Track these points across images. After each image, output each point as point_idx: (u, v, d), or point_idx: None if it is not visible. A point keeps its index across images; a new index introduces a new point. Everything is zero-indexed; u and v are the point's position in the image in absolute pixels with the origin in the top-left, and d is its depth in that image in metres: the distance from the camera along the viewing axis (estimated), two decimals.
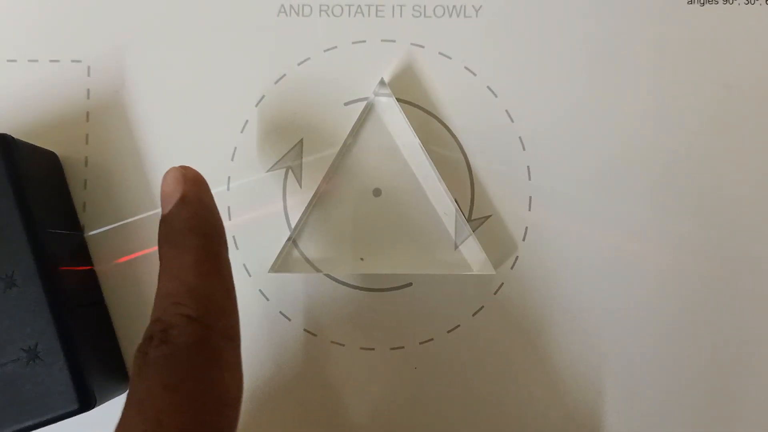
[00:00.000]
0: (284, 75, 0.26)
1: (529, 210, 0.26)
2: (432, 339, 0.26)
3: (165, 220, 0.20)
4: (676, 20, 0.26)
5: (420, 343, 0.26)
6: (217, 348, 0.19)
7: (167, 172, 0.21)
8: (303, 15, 0.27)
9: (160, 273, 0.20)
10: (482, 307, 0.26)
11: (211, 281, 0.19)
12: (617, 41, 0.26)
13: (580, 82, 0.26)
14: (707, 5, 0.26)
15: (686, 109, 0.26)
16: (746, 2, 0.27)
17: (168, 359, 0.18)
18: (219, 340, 0.19)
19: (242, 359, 0.26)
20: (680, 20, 0.26)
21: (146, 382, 0.18)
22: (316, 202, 0.26)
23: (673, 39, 0.26)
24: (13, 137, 0.23)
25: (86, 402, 0.22)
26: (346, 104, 0.26)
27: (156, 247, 0.26)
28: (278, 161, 0.26)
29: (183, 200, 0.20)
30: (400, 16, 0.27)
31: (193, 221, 0.20)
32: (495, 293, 0.26)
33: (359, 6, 0.27)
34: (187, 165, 0.21)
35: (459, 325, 0.26)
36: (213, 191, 0.26)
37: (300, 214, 0.26)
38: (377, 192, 0.26)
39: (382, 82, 0.26)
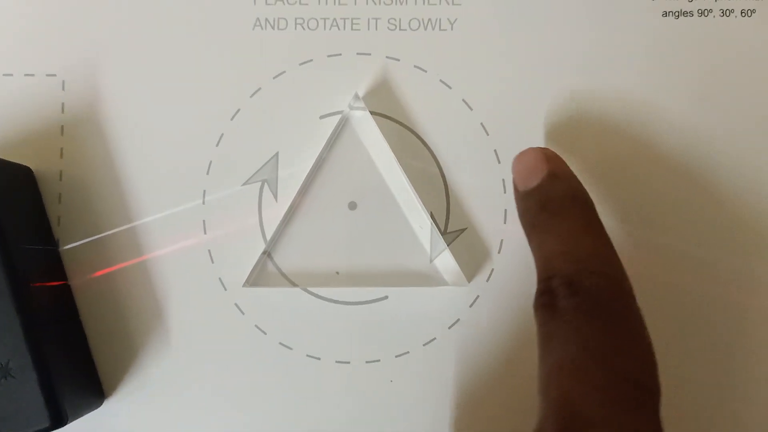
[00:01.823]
0: (260, 88, 0.26)
1: (505, 223, 0.26)
2: (408, 352, 0.26)
3: (535, 192, 0.23)
4: (651, 33, 0.26)
5: (396, 356, 0.26)
6: (629, 301, 0.20)
7: (524, 152, 0.23)
8: (278, 28, 0.27)
9: (538, 238, 0.22)
10: (458, 319, 0.26)
11: (604, 242, 0.21)
12: (592, 54, 0.26)
13: (556, 95, 0.26)
14: (682, 18, 0.26)
15: (662, 122, 0.26)
16: (722, 14, 0.27)
17: (582, 306, 0.20)
18: (628, 294, 0.20)
19: (217, 372, 0.26)
20: (655, 33, 0.26)
21: (564, 325, 0.20)
22: (291, 216, 0.26)
23: (648, 51, 0.26)
24: None
25: (57, 419, 0.22)
26: (321, 117, 0.26)
27: (133, 261, 0.26)
28: (254, 175, 0.26)
29: (554, 174, 0.22)
30: (376, 29, 0.27)
31: (572, 191, 0.22)
32: (471, 306, 0.26)
33: (335, 19, 0.27)
34: (543, 147, 0.24)
35: (435, 338, 0.26)
36: (188, 205, 0.26)
37: (275, 228, 0.26)
38: (352, 205, 0.26)
39: (356, 96, 0.26)
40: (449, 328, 0.26)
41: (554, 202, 0.22)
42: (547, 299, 0.20)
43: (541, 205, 0.22)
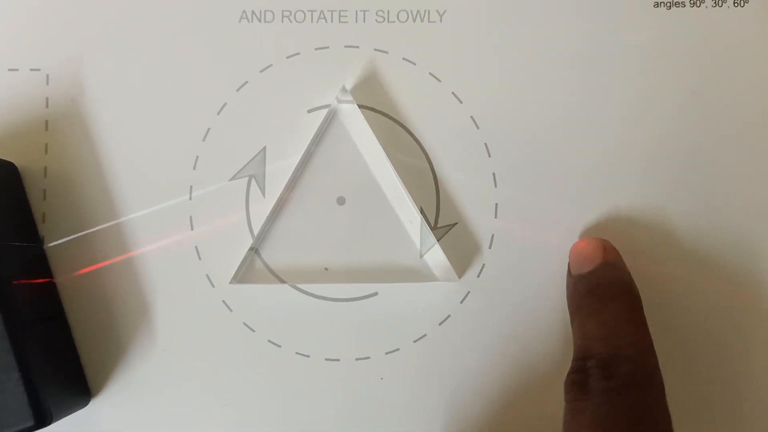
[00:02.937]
0: (246, 82, 0.26)
1: (495, 217, 0.26)
2: (398, 349, 0.26)
3: (587, 277, 0.24)
4: (643, 24, 0.26)
5: (386, 353, 0.26)
6: (659, 394, 0.21)
7: (584, 240, 0.25)
8: (265, 21, 0.26)
9: (581, 320, 0.23)
10: (449, 316, 0.26)
11: (644, 334, 0.22)
12: (583, 46, 0.26)
13: (546, 87, 0.26)
14: (674, 8, 0.26)
15: (652, 114, 0.26)
16: (714, 4, 0.26)
17: (613, 391, 0.20)
18: (659, 388, 0.21)
19: (205, 370, 0.26)
20: (647, 24, 0.26)
21: (593, 407, 0.20)
22: (279, 211, 0.26)
23: (640, 43, 0.26)
24: None
25: (42, 418, 0.22)
26: (309, 111, 0.26)
27: (120, 258, 0.26)
28: (241, 169, 0.26)
29: (608, 263, 0.24)
30: (364, 21, 0.26)
31: (622, 281, 0.23)
32: (461, 302, 0.26)
33: (322, 12, 0.26)
34: (601, 238, 0.25)
35: (425, 335, 0.26)
36: (175, 201, 0.26)
37: (263, 224, 0.25)
38: (341, 200, 0.26)
39: (343, 89, 0.25)
40: (440, 324, 0.26)
41: (603, 288, 0.23)
42: (579, 377, 0.21)
43: (590, 290, 0.23)
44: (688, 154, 0.26)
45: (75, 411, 0.25)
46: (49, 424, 0.22)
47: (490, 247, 0.26)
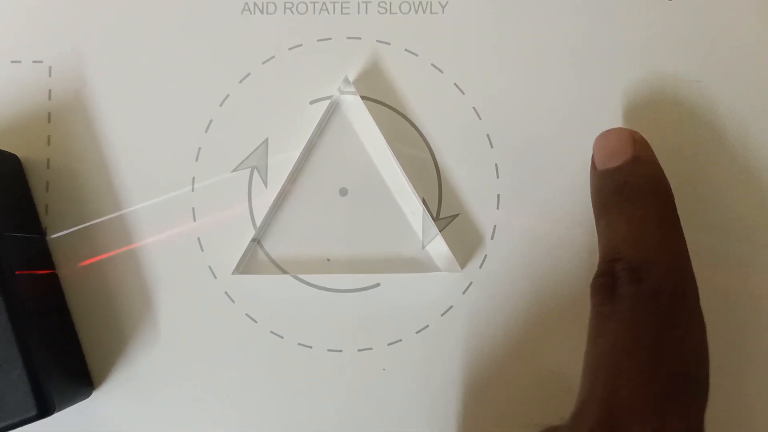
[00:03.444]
0: (249, 74, 0.26)
1: (498, 208, 0.26)
2: (400, 340, 0.26)
3: (614, 172, 0.22)
4: (645, 14, 0.26)
5: (388, 344, 0.26)
6: (691, 299, 0.20)
7: (610, 131, 0.23)
8: (267, 13, 0.26)
9: (608, 219, 0.21)
10: (451, 306, 0.26)
11: (676, 237, 0.21)
12: (585, 37, 0.26)
13: (548, 78, 0.26)
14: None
15: (654, 104, 0.26)
16: None
17: (643, 295, 0.19)
18: (691, 292, 0.20)
19: (207, 362, 0.26)
20: (649, 14, 0.26)
21: (621, 311, 0.19)
22: (281, 203, 0.26)
23: (643, 33, 0.26)
24: None
25: (44, 408, 0.22)
26: (311, 102, 0.26)
27: (122, 249, 0.26)
28: (243, 161, 0.26)
29: (638, 159, 0.22)
30: (366, 12, 0.26)
31: (654, 179, 0.21)
32: (464, 293, 0.26)
33: (324, 3, 0.26)
34: (631, 129, 0.23)
35: (428, 326, 0.26)
36: (177, 192, 0.26)
37: (265, 215, 0.25)
38: (343, 191, 0.26)
39: (346, 80, 0.25)
40: (442, 315, 0.26)
41: (633, 187, 0.21)
42: (607, 281, 0.20)
43: (618, 187, 0.22)
44: (689, 147, 0.26)
45: (77, 402, 0.25)
46: (52, 414, 0.22)
47: (492, 238, 0.26)
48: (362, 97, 0.25)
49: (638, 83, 0.26)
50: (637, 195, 0.21)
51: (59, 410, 0.23)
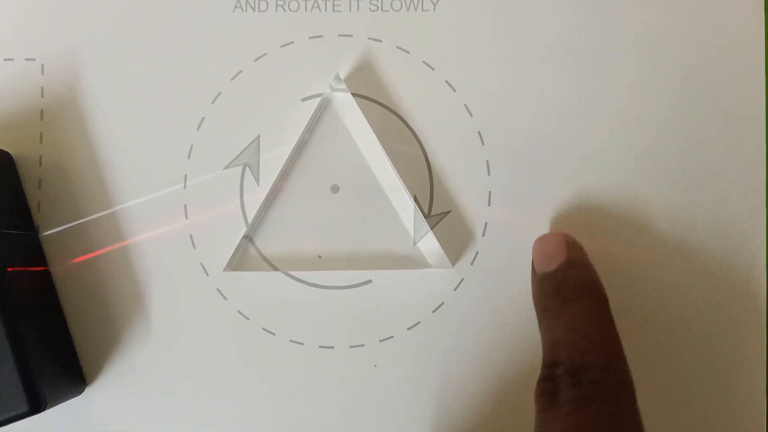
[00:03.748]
0: (241, 71, 0.26)
1: (489, 205, 0.26)
2: (392, 336, 0.26)
3: (551, 276, 0.23)
4: (638, 12, 0.26)
5: (380, 341, 0.26)
6: (628, 398, 0.20)
7: (546, 236, 0.24)
8: (259, 10, 0.26)
9: (548, 321, 0.22)
10: (442, 303, 0.26)
11: (611, 335, 0.21)
12: (576, 34, 0.26)
13: (540, 76, 0.26)
14: None
15: (646, 103, 0.26)
16: None
17: (582, 399, 0.20)
18: (628, 391, 0.20)
19: (200, 358, 0.26)
20: (642, 12, 0.26)
21: (562, 416, 0.20)
22: (273, 200, 0.26)
23: (635, 32, 0.26)
24: None
25: (36, 404, 0.22)
26: (303, 100, 0.26)
27: (115, 246, 0.26)
28: (235, 158, 0.26)
29: (572, 262, 0.23)
30: (357, 10, 0.26)
31: (587, 280, 0.23)
32: (455, 289, 0.26)
33: (316, 1, 0.26)
34: (564, 232, 0.24)
35: (419, 322, 0.26)
36: (169, 189, 0.26)
37: (257, 212, 0.25)
38: (335, 188, 0.26)
39: (337, 77, 0.25)
40: (433, 311, 0.26)
41: (569, 289, 0.22)
42: (549, 386, 0.21)
43: (555, 290, 0.23)
44: (682, 146, 0.26)
45: (69, 398, 0.25)
46: (44, 410, 0.23)
47: (483, 235, 0.26)
48: (353, 95, 0.26)
49: (631, 81, 0.26)
50: (572, 297, 0.22)
51: (51, 406, 0.23)
